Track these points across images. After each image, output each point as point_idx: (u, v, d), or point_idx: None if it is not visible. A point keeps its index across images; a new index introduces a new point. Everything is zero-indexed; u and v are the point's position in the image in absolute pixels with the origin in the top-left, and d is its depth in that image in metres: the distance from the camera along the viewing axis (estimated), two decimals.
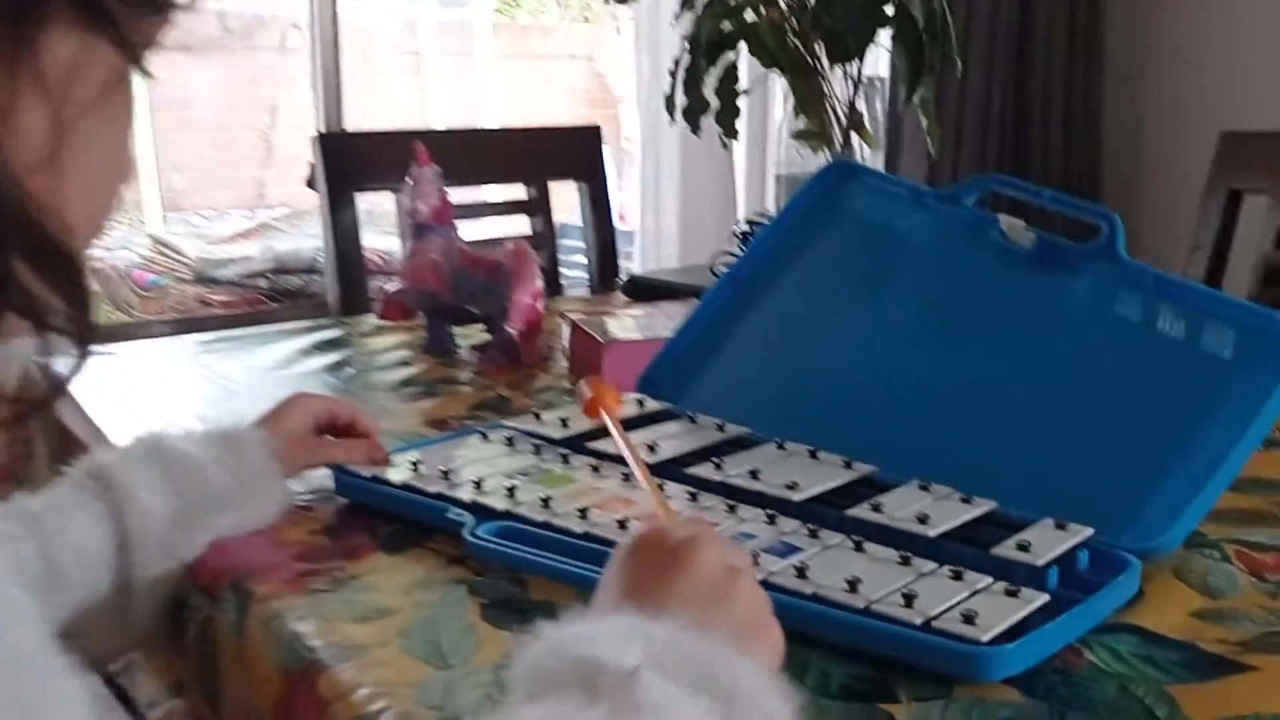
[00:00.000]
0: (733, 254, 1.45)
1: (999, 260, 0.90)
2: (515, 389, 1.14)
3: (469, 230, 1.81)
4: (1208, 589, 0.72)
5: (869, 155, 1.41)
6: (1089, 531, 0.72)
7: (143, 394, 1.17)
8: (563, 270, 1.92)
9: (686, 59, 1.39)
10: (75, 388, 0.45)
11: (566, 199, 1.88)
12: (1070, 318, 0.87)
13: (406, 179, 1.25)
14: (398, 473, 0.82)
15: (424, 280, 1.23)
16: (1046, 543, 0.70)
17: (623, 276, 1.80)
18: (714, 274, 1.44)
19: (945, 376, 0.88)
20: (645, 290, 1.55)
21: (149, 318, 2.40)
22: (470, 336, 1.29)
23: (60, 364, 0.43)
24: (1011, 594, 0.65)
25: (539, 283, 1.20)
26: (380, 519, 0.79)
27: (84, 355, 0.43)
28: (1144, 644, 0.65)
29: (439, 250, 1.22)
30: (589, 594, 0.55)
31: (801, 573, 0.66)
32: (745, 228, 1.53)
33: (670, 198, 2.64)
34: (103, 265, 2.66)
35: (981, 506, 0.76)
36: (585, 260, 1.87)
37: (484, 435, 0.91)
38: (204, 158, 3.97)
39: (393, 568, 0.73)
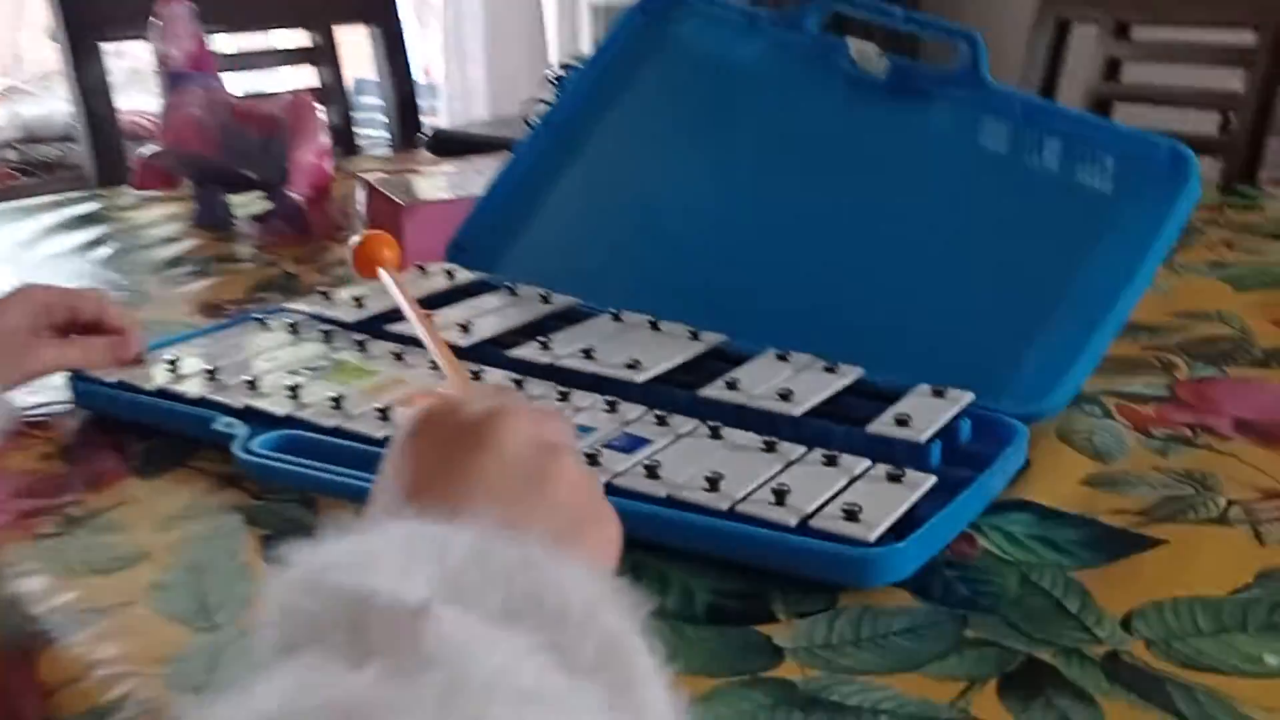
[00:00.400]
0: (547, 100, 1.31)
1: (849, 91, 0.82)
2: (304, 264, 1.00)
3: (247, 85, 1.61)
4: (1096, 451, 0.66)
5: None
6: (969, 397, 0.64)
7: None
8: (361, 131, 1.73)
9: None
10: None
11: (360, 52, 1.68)
12: (931, 153, 0.79)
13: (153, 20, 1.05)
14: (152, 375, 0.68)
15: (184, 139, 1.05)
16: (925, 414, 0.61)
17: (426, 132, 1.63)
18: (528, 124, 1.30)
19: (795, 227, 0.79)
20: (452, 145, 1.42)
21: None
22: (249, 206, 1.13)
23: None
24: (895, 479, 0.56)
25: (324, 138, 1.04)
26: (132, 435, 0.67)
27: None
28: (1039, 522, 0.58)
29: (200, 103, 1.05)
30: None
31: (652, 471, 0.55)
32: (560, 71, 1.39)
33: (475, 44, 2.45)
34: None
35: (847, 375, 0.67)
36: (385, 119, 1.69)
37: (262, 322, 0.76)
38: None
39: (148, 496, 0.60)
